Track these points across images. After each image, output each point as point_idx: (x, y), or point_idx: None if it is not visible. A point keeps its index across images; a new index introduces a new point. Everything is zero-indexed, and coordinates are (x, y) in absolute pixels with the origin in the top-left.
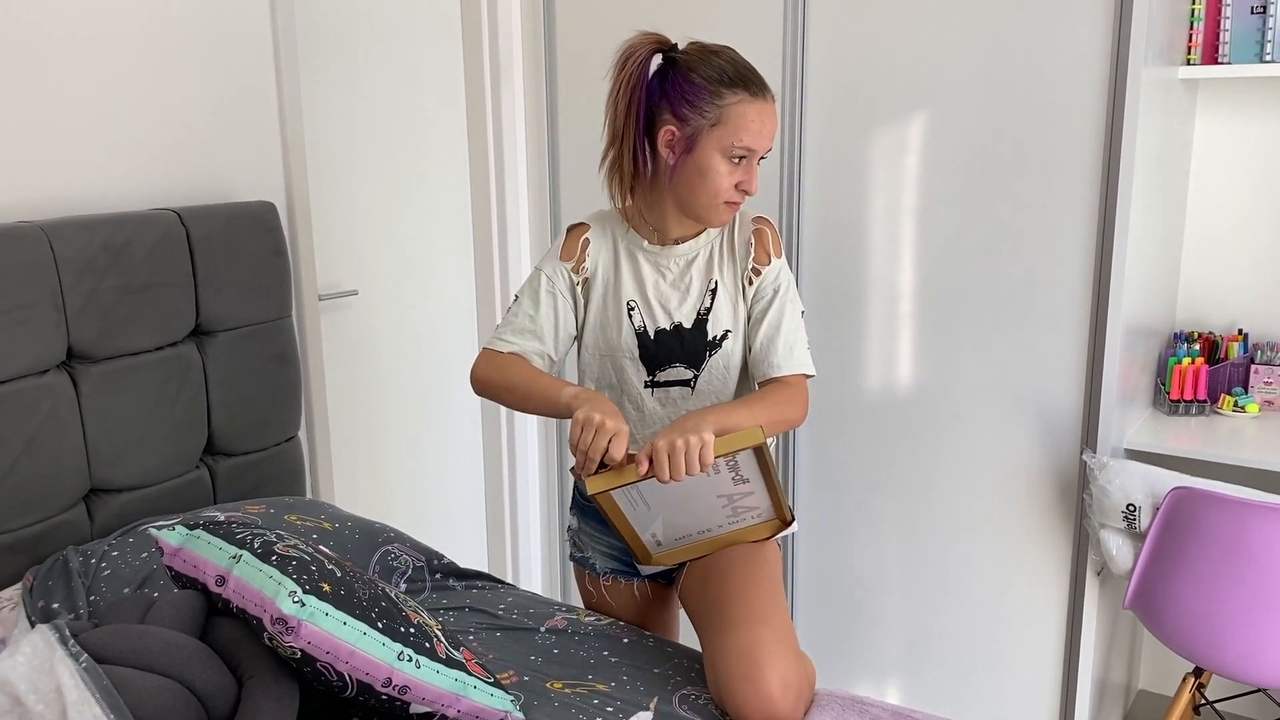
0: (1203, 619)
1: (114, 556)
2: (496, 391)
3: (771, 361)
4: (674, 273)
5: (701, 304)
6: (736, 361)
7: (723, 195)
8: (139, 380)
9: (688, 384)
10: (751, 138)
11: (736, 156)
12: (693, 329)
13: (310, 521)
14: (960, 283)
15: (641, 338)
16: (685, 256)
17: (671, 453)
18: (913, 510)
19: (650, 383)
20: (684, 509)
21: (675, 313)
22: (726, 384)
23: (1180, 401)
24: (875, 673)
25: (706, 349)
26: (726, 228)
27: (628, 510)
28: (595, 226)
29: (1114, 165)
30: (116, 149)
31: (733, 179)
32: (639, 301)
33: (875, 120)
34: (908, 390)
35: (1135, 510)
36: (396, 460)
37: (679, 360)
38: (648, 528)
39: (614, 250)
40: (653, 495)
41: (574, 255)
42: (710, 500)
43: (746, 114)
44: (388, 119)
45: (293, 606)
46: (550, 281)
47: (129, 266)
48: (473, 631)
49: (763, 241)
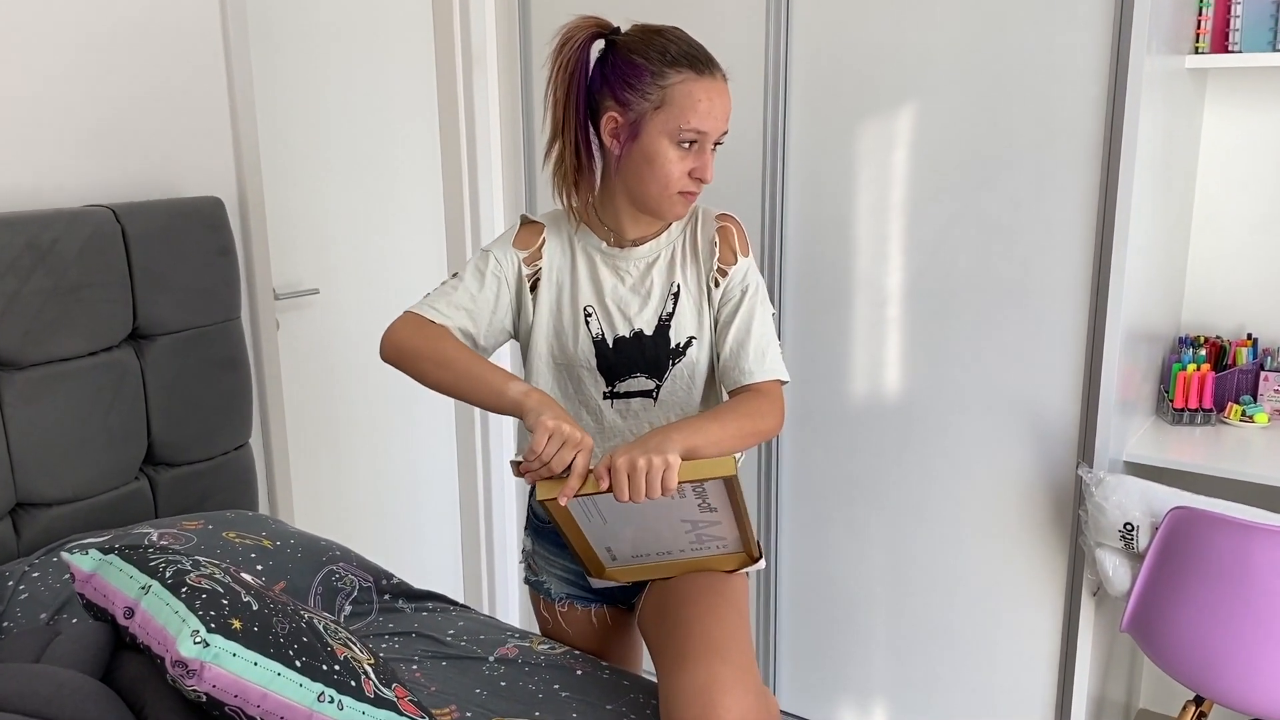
0: (1203, 646)
1: (34, 578)
2: (417, 362)
3: (743, 368)
4: (633, 276)
5: (663, 309)
6: (702, 370)
7: (674, 185)
8: (69, 388)
9: (650, 394)
10: (700, 119)
11: (685, 141)
12: (654, 336)
13: (250, 539)
14: (950, 284)
15: (599, 346)
16: (645, 259)
17: (632, 472)
18: (900, 524)
19: (610, 394)
20: (644, 527)
21: (635, 319)
22: (691, 394)
23: (1184, 410)
24: (860, 693)
25: (669, 357)
26: (689, 227)
27: (581, 520)
28: (550, 226)
29: (1114, 160)
30: (44, 141)
31: (684, 166)
32: (596, 307)
33: (862, 112)
34: (895, 397)
35: (1133, 530)
36: (362, 469)
37: (640, 370)
38: (603, 541)
39: (570, 253)
40: (610, 510)
41: (529, 246)
42: (674, 523)
43: (693, 93)
44: (354, 110)
45: (194, 648)
46: (499, 265)
47: (57, 267)
48: (417, 661)
49: (728, 239)
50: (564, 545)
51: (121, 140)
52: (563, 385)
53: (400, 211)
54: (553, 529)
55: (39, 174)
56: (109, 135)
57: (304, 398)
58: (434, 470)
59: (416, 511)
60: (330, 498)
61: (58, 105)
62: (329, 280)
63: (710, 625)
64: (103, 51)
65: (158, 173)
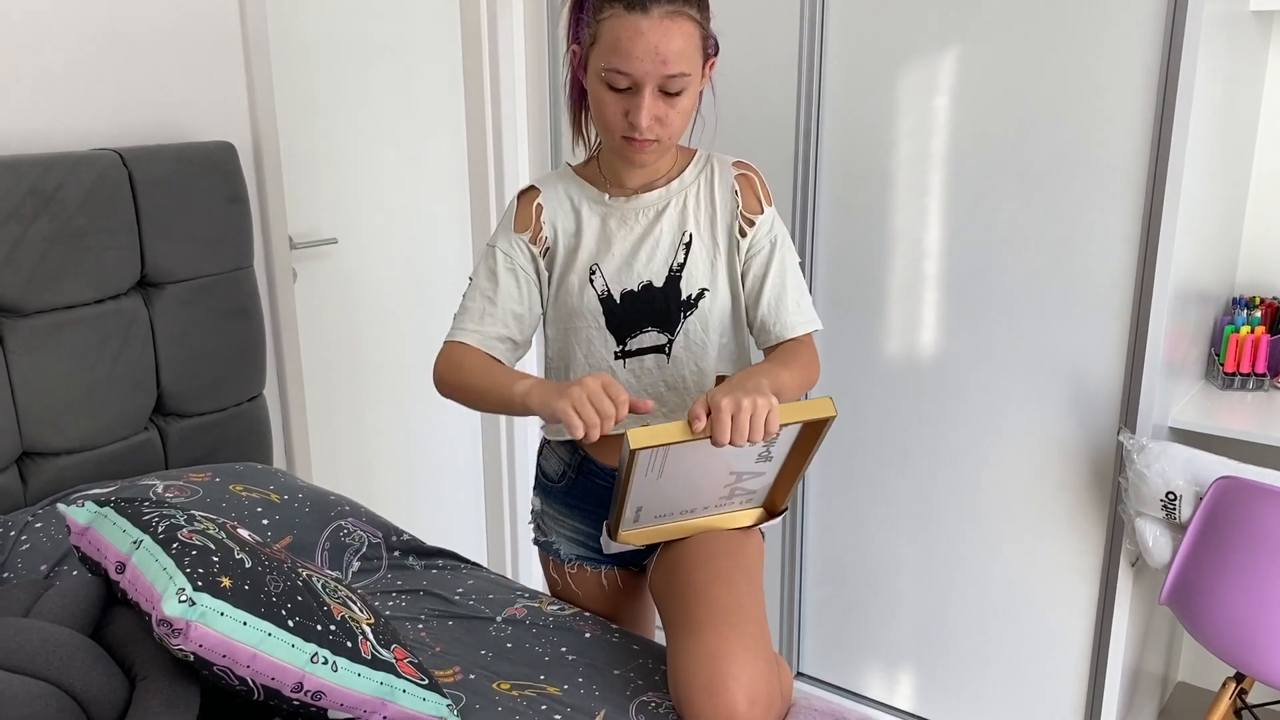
0: (1246, 622)
1: (36, 529)
2: (455, 394)
3: (785, 322)
4: (641, 226)
5: (674, 259)
6: (716, 323)
7: (613, 129)
8: (75, 336)
9: (662, 350)
10: (621, 59)
11: (614, 84)
12: (664, 287)
13: (257, 493)
14: (992, 239)
15: (606, 303)
16: (654, 207)
17: (736, 413)
18: (931, 489)
19: (621, 353)
20: (688, 482)
21: (644, 271)
22: (706, 349)
23: (1235, 375)
24: (887, 662)
25: (681, 310)
26: (703, 174)
27: (639, 474)
28: (546, 189)
29: (1169, 108)
30: (50, 83)
31: (618, 109)
32: (602, 262)
33: (902, 56)
34: (929, 357)
35: (1175, 499)
36: (382, 424)
37: (650, 324)
38: (639, 499)
39: (572, 209)
40: (676, 461)
41: (529, 224)
42: (719, 476)
43: (615, 30)
44: (374, 53)
45: (179, 607)
46: (507, 257)
47: (61, 212)
48: (423, 620)
49: (751, 187)
50: (573, 506)
51: (130, 82)
52: (571, 350)
53: (422, 158)
54: (562, 490)
55: (44, 116)
56: (117, 77)
57: (323, 350)
58: (457, 425)
59: (438, 467)
60: (350, 453)
61: (64, 45)
62: (348, 229)
63: (720, 591)
64: None
65: (168, 116)
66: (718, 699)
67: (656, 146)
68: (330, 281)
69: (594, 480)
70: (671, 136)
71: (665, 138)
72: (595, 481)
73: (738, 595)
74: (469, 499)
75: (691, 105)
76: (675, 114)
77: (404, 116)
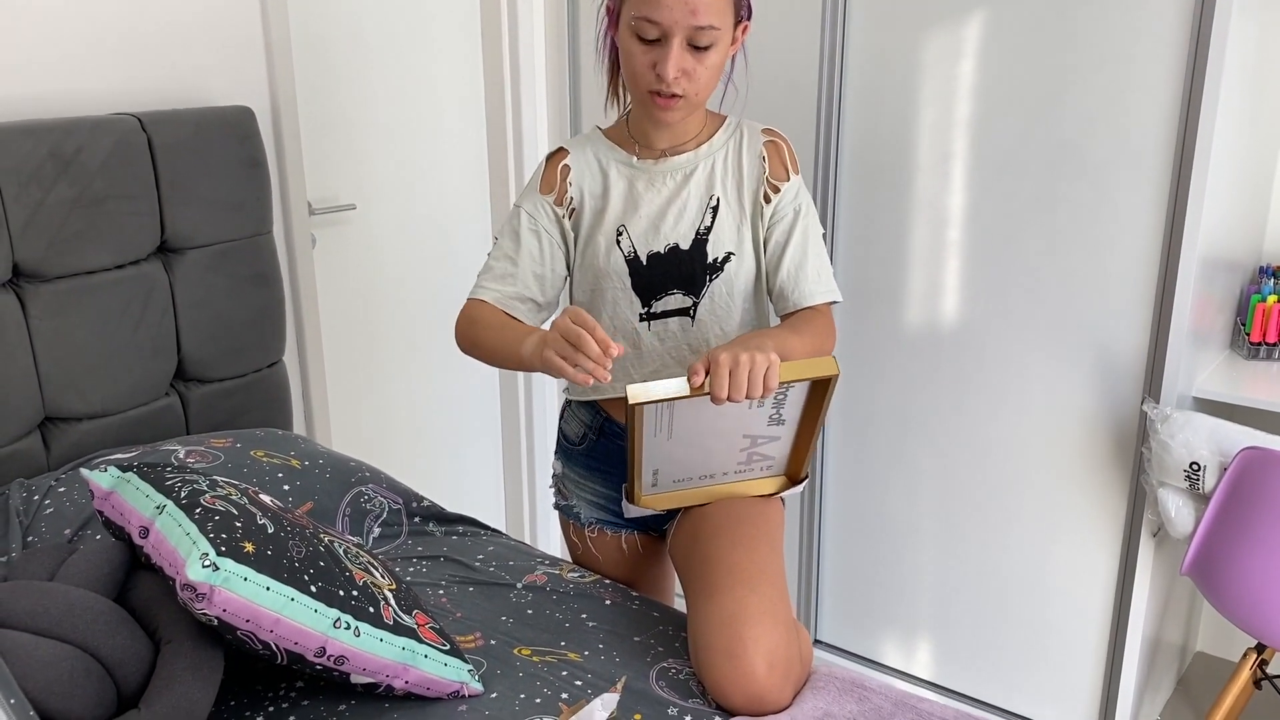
0: (1268, 593)
1: (60, 493)
2: (472, 350)
3: (804, 290)
4: (669, 188)
5: (701, 222)
6: (741, 287)
7: (641, 82)
8: (96, 301)
9: (687, 313)
10: (650, 7)
11: (643, 34)
12: (691, 250)
13: (278, 459)
14: (1016, 206)
15: (633, 264)
16: (682, 170)
17: (734, 368)
18: (951, 456)
19: (646, 314)
20: (701, 445)
21: (670, 233)
22: (731, 312)
23: (1262, 345)
24: (905, 630)
25: (706, 273)
26: (732, 139)
27: (648, 433)
28: (575, 150)
29: (1199, 71)
30: (69, 47)
31: (646, 61)
32: (629, 223)
33: (927, 19)
34: (952, 325)
35: (1199, 469)
36: (401, 389)
37: (675, 286)
38: (654, 461)
39: (600, 171)
40: (682, 420)
41: (554, 186)
42: (733, 439)
43: None
44: (393, 18)
45: (202, 572)
46: (531, 219)
47: (80, 177)
48: (444, 585)
49: (779, 154)
50: (593, 469)
51: (149, 46)
52: (598, 312)
53: (440, 125)
54: (583, 452)
55: (63, 80)
56: (136, 41)
57: (342, 315)
58: (476, 391)
59: (457, 433)
60: (369, 417)
61: (83, 8)
62: (367, 196)
63: (741, 556)
64: None
65: (186, 80)
66: (737, 662)
67: (683, 103)
68: (349, 247)
69: (614, 442)
70: (698, 94)
71: (692, 94)
72: (616, 443)
73: (758, 560)
74: (488, 465)
75: (720, 63)
76: (703, 70)
77: (423, 83)
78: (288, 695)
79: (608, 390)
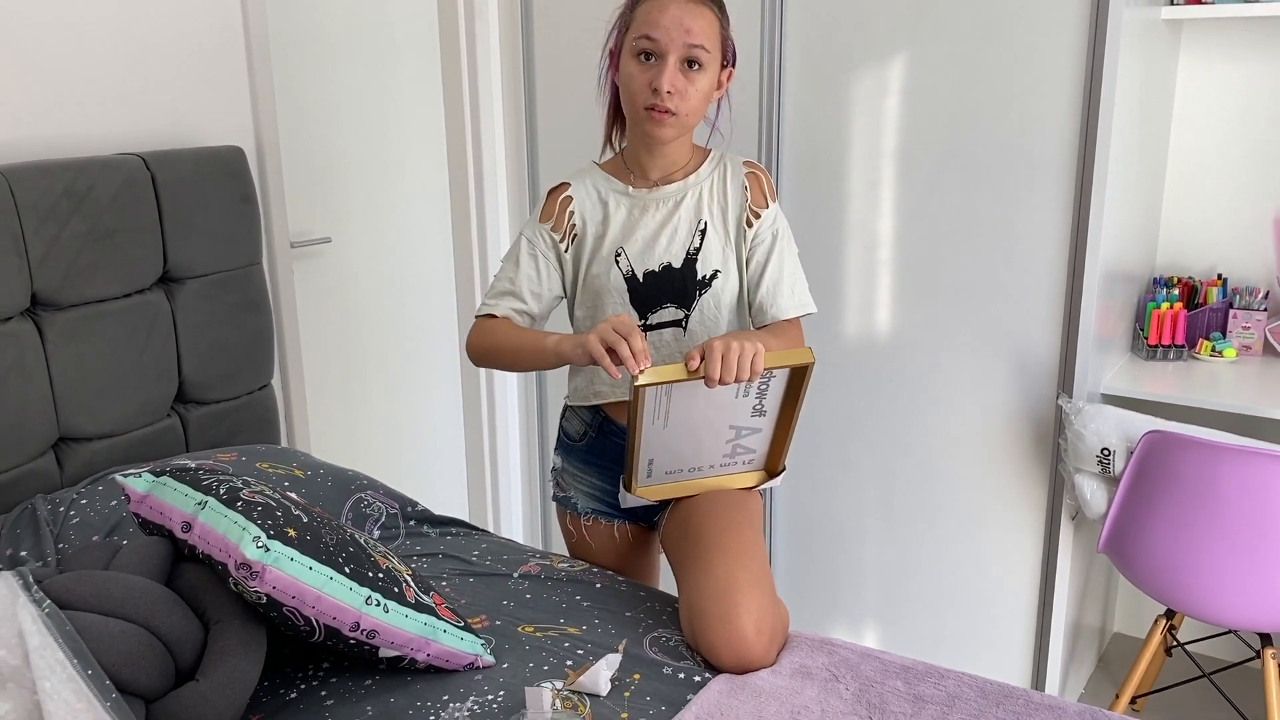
0: (1175, 561)
1: (83, 505)
2: (488, 356)
3: (780, 305)
4: (662, 213)
5: (690, 244)
6: (727, 302)
7: (639, 99)
8: (106, 328)
9: (679, 324)
10: (650, 27)
11: (643, 53)
12: (682, 268)
13: (282, 469)
14: (939, 228)
15: (630, 281)
16: (673, 197)
17: (726, 352)
18: (891, 456)
19: (643, 326)
20: (693, 434)
21: (664, 253)
22: (718, 324)
23: (1158, 347)
24: (852, 617)
25: (696, 288)
26: (717, 170)
27: (647, 420)
28: (576, 184)
29: (1094, 107)
30: (78, 92)
31: (645, 79)
32: (626, 246)
33: (855, 61)
34: (886, 337)
35: (1110, 454)
36: (374, 407)
37: (669, 300)
38: (650, 450)
39: (599, 200)
40: (677, 407)
41: (553, 215)
42: (719, 430)
43: (648, 9)
44: (360, 61)
45: (257, 551)
46: (530, 244)
47: (93, 212)
48: (445, 578)
49: (759, 184)
50: (591, 463)
51: (147, 90)
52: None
53: (405, 160)
54: (583, 448)
55: (73, 122)
56: (136, 85)
57: (318, 341)
58: (441, 408)
59: (425, 453)
60: (344, 436)
61: (91, 57)
62: (340, 228)
63: (731, 537)
64: (134, 13)
65: (183, 123)
66: (730, 625)
67: (674, 121)
68: (325, 277)
69: (612, 439)
70: (688, 114)
71: (683, 112)
72: (613, 440)
73: (744, 540)
74: (453, 481)
75: (708, 90)
76: (694, 90)
77: (391, 123)
78: (316, 674)
79: (608, 395)
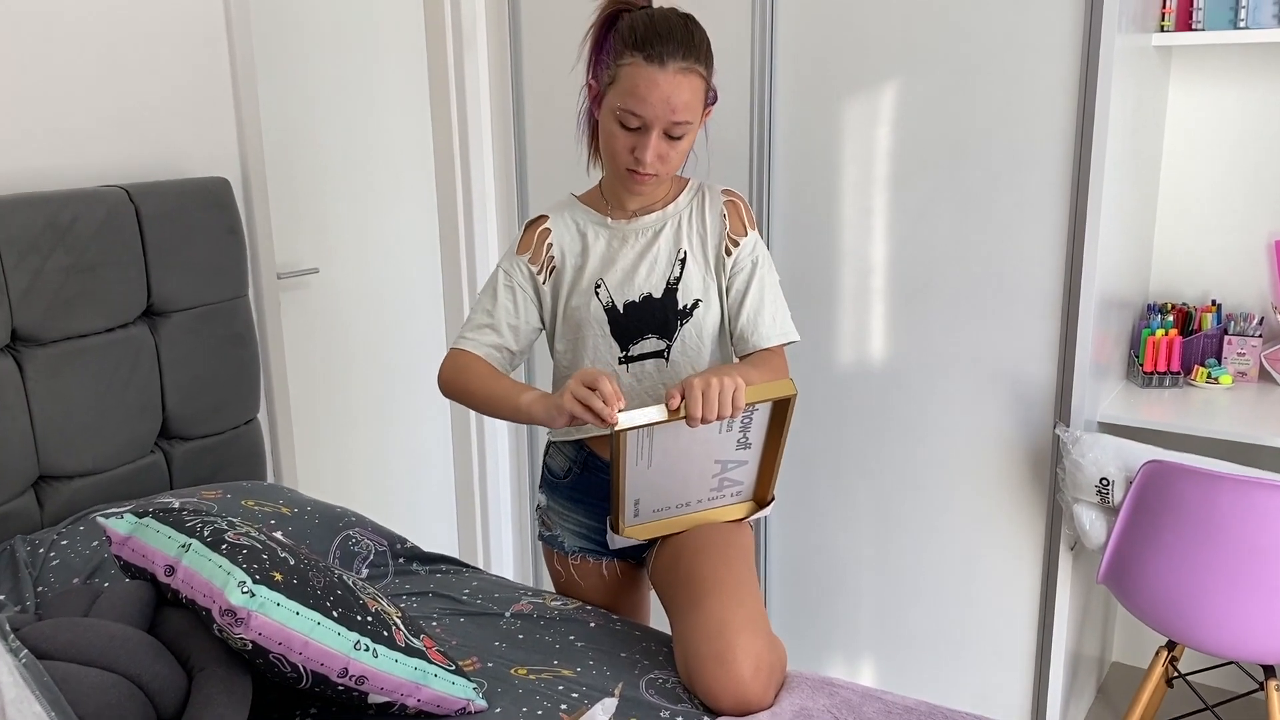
0: (1176, 592)
1: (63, 546)
2: (460, 396)
3: (761, 333)
4: (641, 244)
5: (670, 273)
6: (709, 331)
7: (619, 161)
8: (88, 363)
9: (661, 355)
10: (636, 103)
11: (625, 122)
12: (663, 298)
13: (268, 507)
14: (932, 255)
15: (611, 312)
16: (652, 228)
17: (706, 390)
18: (886, 487)
19: (624, 358)
20: (678, 472)
21: (644, 284)
22: (700, 353)
23: (1154, 374)
24: (849, 652)
25: (678, 318)
26: (695, 199)
27: (629, 462)
28: (554, 216)
29: (1087, 134)
30: (61, 123)
31: (626, 144)
32: (606, 278)
33: (846, 90)
34: (880, 366)
35: (1108, 484)
36: (362, 442)
37: (651, 331)
38: (636, 491)
39: (578, 233)
40: (660, 447)
41: (530, 248)
42: (704, 465)
43: (634, 78)
44: (348, 93)
45: (242, 597)
46: (508, 276)
47: (75, 245)
48: (436, 617)
49: (737, 213)
50: (577, 500)
51: (132, 122)
52: (580, 358)
53: (394, 191)
54: (568, 485)
55: (56, 155)
56: (120, 117)
57: (305, 374)
58: (430, 443)
59: (413, 483)
60: (332, 471)
61: (74, 90)
62: (328, 260)
63: (722, 572)
64: (114, 39)
65: (167, 154)
66: (726, 667)
67: (655, 180)
68: (312, 309)
69: (597, 475)
70: (669, 172)
71: (664, 173)
72: (598, 476)
73: (737, 575)
74: (442, 515)
75: (689, 146)
76: (675, 153)
77: (379, 153)
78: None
79: (591, 429)
